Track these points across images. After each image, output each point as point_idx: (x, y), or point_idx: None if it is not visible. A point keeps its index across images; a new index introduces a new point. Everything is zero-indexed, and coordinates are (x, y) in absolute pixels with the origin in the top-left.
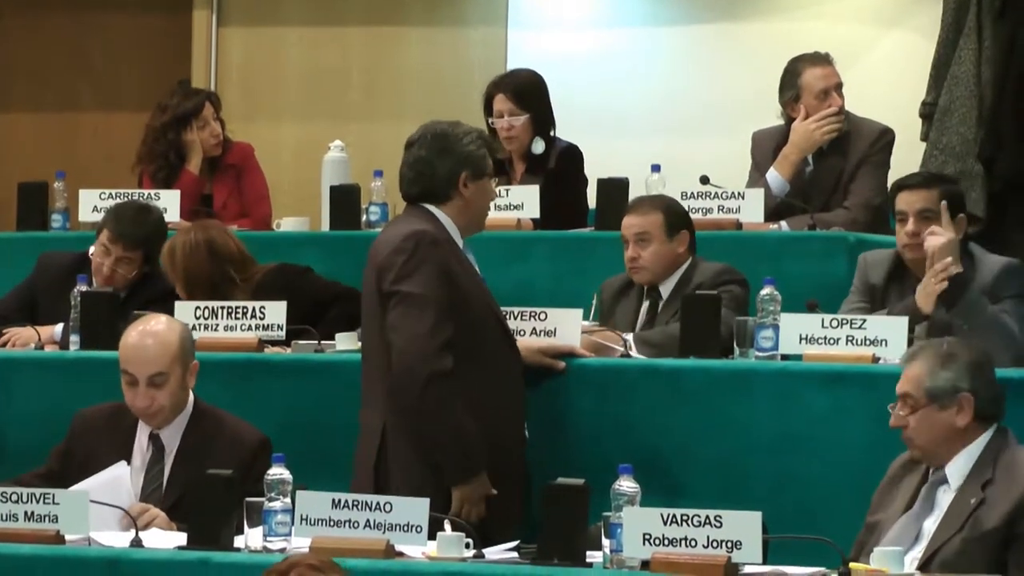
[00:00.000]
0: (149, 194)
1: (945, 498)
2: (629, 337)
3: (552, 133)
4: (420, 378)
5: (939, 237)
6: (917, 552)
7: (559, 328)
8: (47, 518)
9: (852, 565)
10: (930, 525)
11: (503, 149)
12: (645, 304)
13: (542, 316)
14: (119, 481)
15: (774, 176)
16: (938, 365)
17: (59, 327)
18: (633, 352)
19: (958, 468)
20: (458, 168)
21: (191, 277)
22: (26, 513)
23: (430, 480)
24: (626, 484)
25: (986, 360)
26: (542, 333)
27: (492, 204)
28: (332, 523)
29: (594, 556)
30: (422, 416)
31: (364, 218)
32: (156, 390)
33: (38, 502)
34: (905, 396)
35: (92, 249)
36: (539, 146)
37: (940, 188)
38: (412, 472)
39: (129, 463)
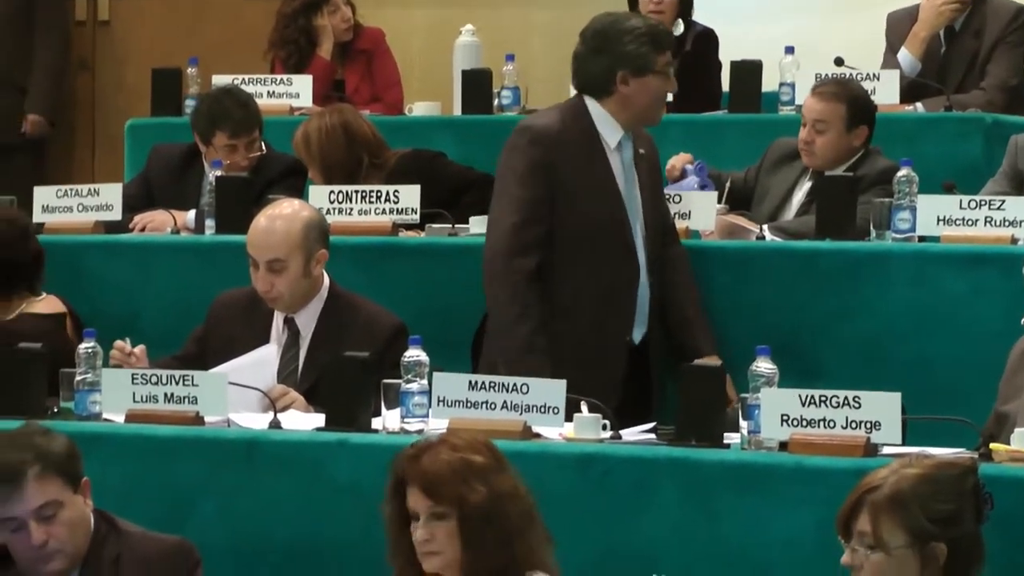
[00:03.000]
0: (281, 79)
1: None
2: (765, 228)
3: (691, 16)
4: (495, 275)
5: None
6: None
7: (693, 211)
8: (187, 400)
9: (993, 446)
10: None
11: (666, 28)
12: (807, 184)
13: (676, 199)
14: (266, 362)
15: (905, 55)
16: None
17: (191, 213)
18: (768, 236)
19: None
20: (614, 66)
21: (327, 161)
22: (166, 395)
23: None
24: (764, 365)
25: None
26: (676, 216)
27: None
28: (469, 404)
29: (732, 437)
30: (491, 309)
31: (496, 102)
32: (275, 276)
33: (178, 384)
34: None
35: (207, 157)
36: (678, 28)
37: None
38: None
39: None
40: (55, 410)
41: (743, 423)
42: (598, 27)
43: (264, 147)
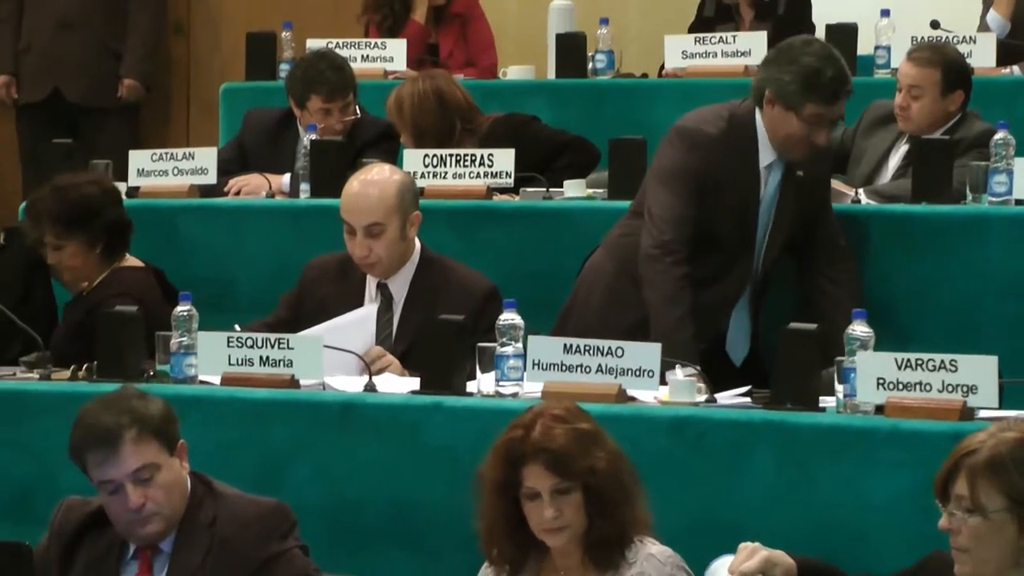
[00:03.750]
0: (376, 43)
1: None
2: (860, 191)
3: None
4: (649, 264)
5: None
6: None
7: None
8: (282, 363)
9: None
10: None
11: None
12: (903, 147)
13: None
14: (365, 321)
15: (993, 17)
16: None
17: (286, 177)
18: (863, 200)
19: None
20: (767, 84)
21: (420, 127)
22: (261, 358)
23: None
24: (859, 329)
25: None
26: None
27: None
28: (564, 368)
29: (827, 401)
30: (645, 293)
31: (590, 66)
32: (373, 240)
33: (273, 347)
34: None
35: (302, 121)
36: None
37: None
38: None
39: None
40: (151, 373)
41: (839, 387)
42: (785, 43)
43: (359, 111)
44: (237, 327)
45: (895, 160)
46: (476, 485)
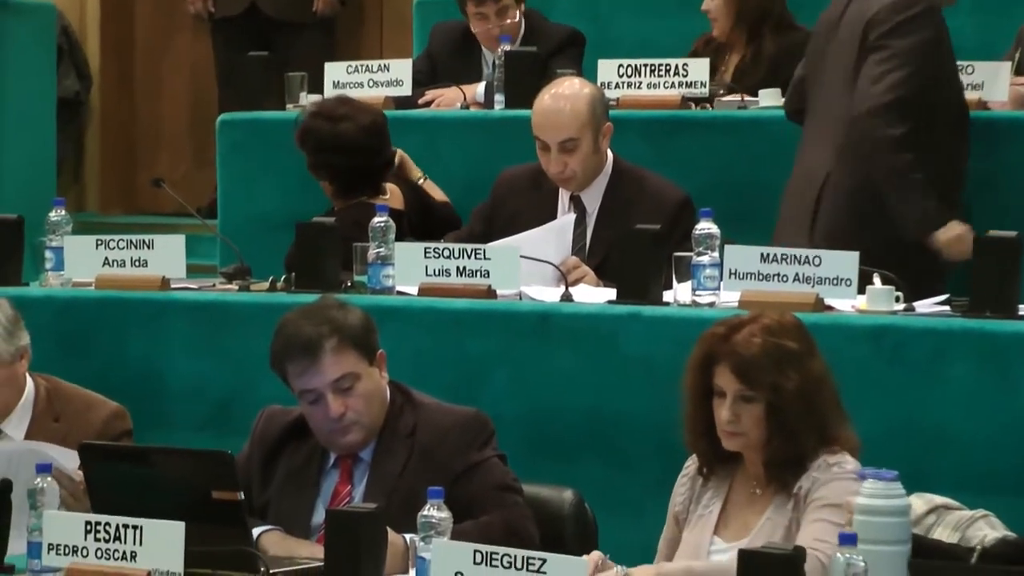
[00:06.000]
0: None
1: None
2: None
3: None
4: (871, 135)
5: None
6: None
7: (986, 81)
8: (479, 273)
9: None
10: None
11: None
12: None
13: (969, 70)
14: (561, 232)
15: None
16: None
17: (481, 86)
18: None
19: None
20: None
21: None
22: (458, 268)
23: (856, 235)
24: None
25: None
26: (968, 87)
27: None
28: (761, 277)
29: None
30: (871, 170)
31: None
32: (568, 155)
33: (470, 258)
34: None
35: (471, 24)
36: None
37: None
38: (837, 225)
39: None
40: (348, 284)
41: None
42: None
43: (519, 16)
44: None
45: None
46: (683, 375)
